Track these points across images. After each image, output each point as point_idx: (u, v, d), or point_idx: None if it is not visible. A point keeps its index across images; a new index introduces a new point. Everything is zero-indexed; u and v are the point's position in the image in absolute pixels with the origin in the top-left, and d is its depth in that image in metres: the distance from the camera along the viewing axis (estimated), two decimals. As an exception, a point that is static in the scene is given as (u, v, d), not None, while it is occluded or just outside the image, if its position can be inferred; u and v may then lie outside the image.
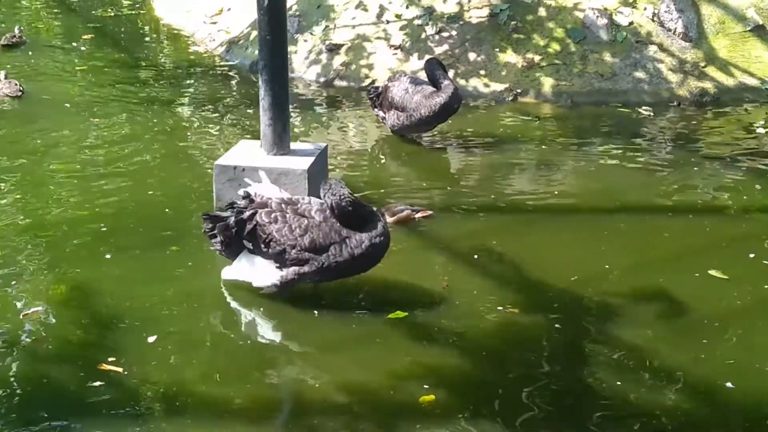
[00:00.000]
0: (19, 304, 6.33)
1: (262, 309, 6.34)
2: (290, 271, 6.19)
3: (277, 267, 6.21)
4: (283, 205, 6.26)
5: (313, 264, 6.14)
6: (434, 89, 9.17)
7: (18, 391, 5.41)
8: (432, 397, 5.35)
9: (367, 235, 6.17)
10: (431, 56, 9.83)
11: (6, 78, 11.24)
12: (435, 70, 9.18)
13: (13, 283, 6.64)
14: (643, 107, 10.55)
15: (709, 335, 6.04)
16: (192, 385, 5.47)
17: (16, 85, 11.09)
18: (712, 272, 6.76)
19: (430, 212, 7.67)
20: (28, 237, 7.35)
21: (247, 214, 6.23)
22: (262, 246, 6.19)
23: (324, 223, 6.17)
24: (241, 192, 6.59)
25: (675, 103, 10.67)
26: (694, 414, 5.30)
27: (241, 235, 6.24)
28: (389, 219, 7.30)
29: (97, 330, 6.04)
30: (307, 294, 6.42)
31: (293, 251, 6.14)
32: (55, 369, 5.62)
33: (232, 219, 6.25)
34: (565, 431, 5.23)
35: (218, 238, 6.35)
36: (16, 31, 13.38)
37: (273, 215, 6.20)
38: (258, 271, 6.30)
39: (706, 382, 5.56)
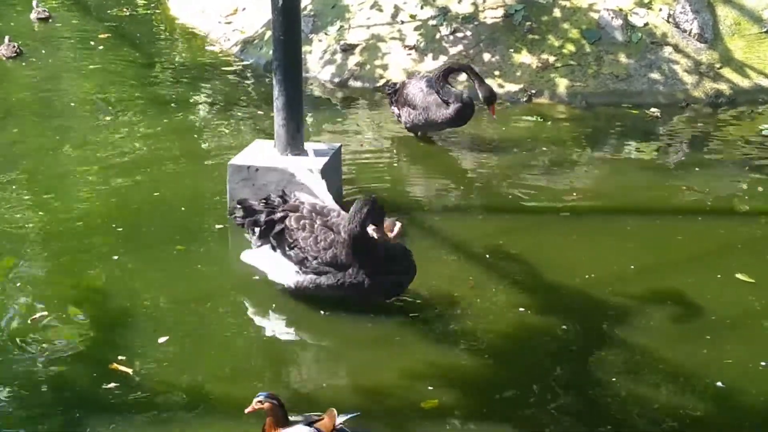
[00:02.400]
0: (30, 305, 6.35)
1: (274, 309, 6.35)
2: (308, 279, 6.20)
3: (296, 271, 6.22)
4: (313, 214, 6.27)
5: (330, 278, 6.14)
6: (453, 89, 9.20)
7: (32, 392, 5.43)
8: (435, 401, 5.34)
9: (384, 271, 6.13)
10: (445, 64, 9.72)
11: (9, 41, 12.60)
12: (443, 86, 9.12)
13: (25, 282, 6.67)
14: (652, 108, 10.51)
15: (727, 338, 6.04)
16: (203, 385, 5.48)
17: (14, 47, 12.54)
18: (739, 276, 6.72)
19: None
20: (41, 235, 7.38)
21: (278, 215, 6.27)
22: (286, 248, 6.21)
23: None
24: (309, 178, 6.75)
25: (683, 104, 10.64)
26: (702, 416, 5.30)
27: (268, 233, 6.27)
28: (391, 235, 7.19)
29: (109, 330, 6.05)
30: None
31: (314, 262, 6.15)
32: (68, 370, 5.63)
33: (263, 217, 6.30)
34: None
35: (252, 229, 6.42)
36: (35, 4, 14.50)
37: (302, 222, 6.21)
38: (277, 266, 6.31)
39: (724, 383, 5.55)
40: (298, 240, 6.17)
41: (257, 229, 6.37)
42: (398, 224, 7.19)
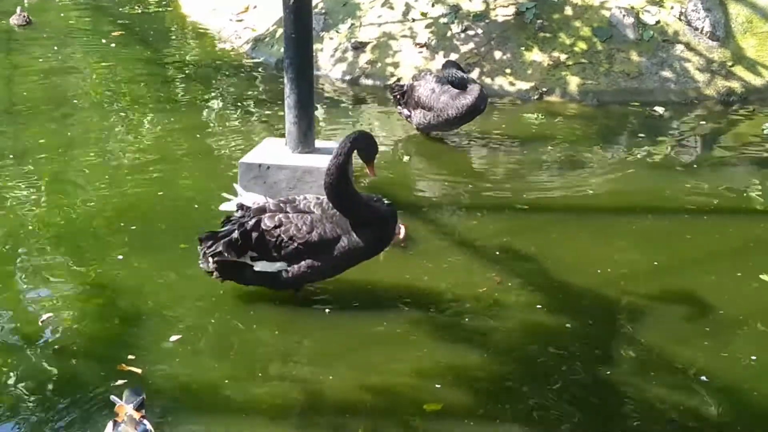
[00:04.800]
0: (39, 304, 6.36)
1: (285, 308, 6.33)
2: (303, 266, 6.14)
3: (284, 265, 6.16)
4: (281, 204, 6.23)
5: (323, 258, 6.13)
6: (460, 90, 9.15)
7: (42, 392, 5.43)
8: (439, 406, 5.31)
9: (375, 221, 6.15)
10: (448, 60, 9.72)
11: (21, 11, 14.05)
12: (456, 73, 9.14)
13: (34, 281, 6.68)
14: (656, 107, 10.50)
15: (737, 337, 6.04)
16: (212, 384, 5.49)
17: (24, 17, 13.97)
18: (764, 277, 6.70)
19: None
20: (50, 233, 7.38)
21: (250, 223, 6.12)
22: (273, 251, 6.12)
23: (324, 215, 6.16)
24: (230, 206, 6.49)
25: (686, 101, 10.61)
26: (715, 415, 5.30)
27: (247, 246, 6.11)
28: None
29: (120, 330, 6.05)
30: (327, 294, 6.43)
31: (304, 248, 6.10)
32: (79, 370, 5.62)
33: (236, 233, 6.11)
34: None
35: (210, 261, 6.21)
36: None
37: (276, 218, 6.13)
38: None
39: (731, 382, 5.54)
40: (282, 235, 6.09)
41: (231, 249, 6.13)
42: (402, 227, 7.19)
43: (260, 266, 6.19)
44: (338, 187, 6.07)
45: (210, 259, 6.22)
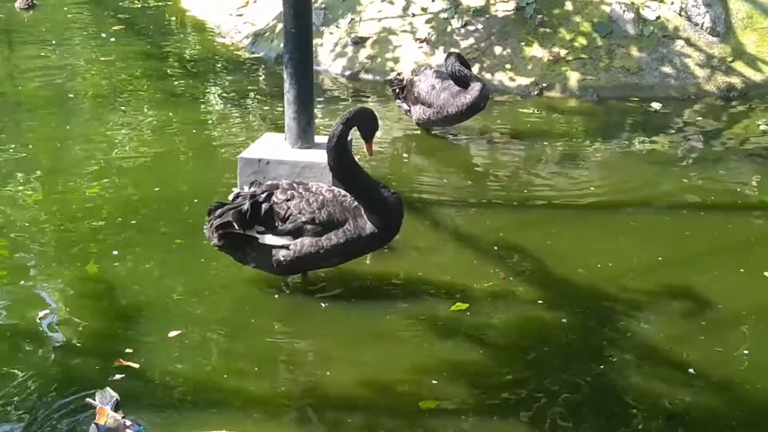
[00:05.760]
0: (38, 300, 6.34)
1: (283, 303, 6.34)
2: (307, 242, 6.16)
3: (290, 240, 6.19)
4: (294, 185, 6.32)
5: (332, 238, 6.14)
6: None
7: (40, 386, 5.42)
8: (434, 403, 5.30)
9: (377, 214, 6.17)
10: (452, 51, 9.67)
11: None
12: (459, 69, 9.07)
13: (33, 277, 6.66)
14: (652, 103, 10.49)
15: (735, 333, 6.03)
16: (210, 379, 5.48)
17: (27, 1, 14.64)
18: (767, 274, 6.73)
19: None
20: (48, 229, 7.37)
21: (262, 195, 6.21)
22: (279, 223, 6.15)
23: (335, 199, 6.21)
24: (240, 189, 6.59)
25: (683, 97, 10.59)
26: (710, 410, 5.29)
27: (253, 220, 6.17)
28: None
29: (118, 325, 6.04)
30: (329, 290, 6.42)
31: (309, 226, 6.14)
32: (78, 364, 5.62)
33: (247, 203, 6.17)
34: (580, 427, 5.22)
35: (216, 234, 6.26)
36: None
37: (288, 192, 6.21)
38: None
39: (723, 377, 5.55)
40: (291, 208, 6.15)
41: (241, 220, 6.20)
42: None
43: (267, 239, 6.21)
44: (340, 151, 6.21)
45: (214, 233, 6.26)
